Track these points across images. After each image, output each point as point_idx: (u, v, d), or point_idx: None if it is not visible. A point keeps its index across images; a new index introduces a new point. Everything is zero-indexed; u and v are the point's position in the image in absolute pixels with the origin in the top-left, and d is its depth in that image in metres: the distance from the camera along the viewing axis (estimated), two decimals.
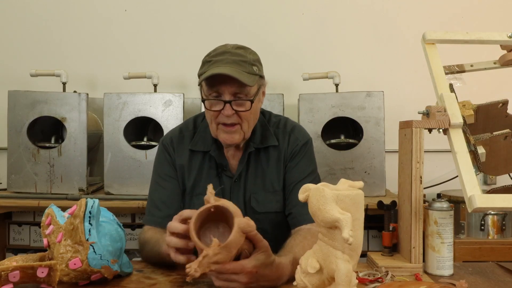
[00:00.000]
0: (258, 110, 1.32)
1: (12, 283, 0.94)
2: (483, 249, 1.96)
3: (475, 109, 1.23)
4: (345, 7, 2.56)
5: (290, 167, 1.34)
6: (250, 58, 1.24)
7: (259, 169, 1.34)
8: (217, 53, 1.24)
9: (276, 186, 1.34)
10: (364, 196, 0.87)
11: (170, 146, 1.37)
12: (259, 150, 1.35)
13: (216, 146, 1.33)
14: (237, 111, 1.23)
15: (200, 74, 1.25)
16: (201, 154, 1.35)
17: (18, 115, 2.10)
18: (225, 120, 1.24)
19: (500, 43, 1.31)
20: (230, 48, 1.25)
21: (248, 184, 1.34)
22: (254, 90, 1.25)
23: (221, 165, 1.34)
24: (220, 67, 1.18)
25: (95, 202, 1.02)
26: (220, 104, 1.22)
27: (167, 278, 1.11)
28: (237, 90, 1.21)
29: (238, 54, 1.22)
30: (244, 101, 1.23)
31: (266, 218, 1.31)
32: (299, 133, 1.38)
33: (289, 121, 1.42)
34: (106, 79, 2.54)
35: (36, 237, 2.21)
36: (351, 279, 0.84)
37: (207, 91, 1.24)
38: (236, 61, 1.20)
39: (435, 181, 2.43)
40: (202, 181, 1.33)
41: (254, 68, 1.23)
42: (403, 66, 2.52)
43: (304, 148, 1.36)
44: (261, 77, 1.28)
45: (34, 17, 2.57)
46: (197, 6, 2.57)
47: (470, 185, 1.05)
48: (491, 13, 2.53)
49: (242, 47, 1.27)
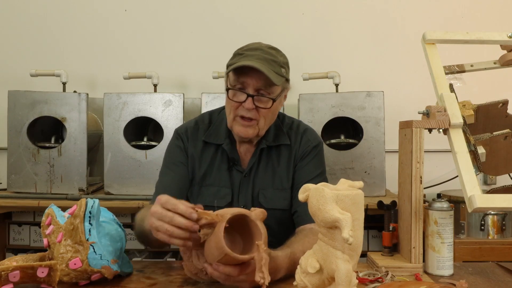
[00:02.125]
0: (277, 111, 1.35)
1: (12, 283, 0.94)
2: (483, 249, 1.96)
3: (475, 109, 1.23)
4: (345, 7, 2.56)
5: (299, 166, 1.37)
6: (280, 60, 1.27)
7: (269, 166, 1.37)
8: (250, 48, 1.27)
9: (285, 184, 1.36)
10: (364, 196, 0.87)
11: (184, 135, 1.40)
12: (271, 148, 1.38)
13: (229, 140, 1.36)
14: (258, 107, 1.26)
15: (229, 65, 1.27)
16: (214, 147, 1.38)
17: (18, 115, 2.10)
18: (244, 113, 1.26)
19: (500, 43, 1.31)
20: (264, 46, 1.28)
21: (258, 180, 1.36)
22: (278, 91, 1.28)
23: (232, 159, 1.36)
24: (252, 61, 1.21)
25: (95, 202, 1.03)
26: (243, 96, 1.25)
27: (167, 278, 1.11)
28: (261, 87, 1.24)
29: (270, 54, 1.25)
30: (267, 99, 1.26)
31: (273, 215, 1.32)
32: (311, 135, 1.42)
33: (302, 123, 1.46)
34: (106, 79, 2.54)
35: (36, 237, 2.21)
36: (351, 279, 0.84)
37: (233, 82, 1.26)
38: (267, 59, 1.23)
39: (435, 181, 2.43)
40: (213, 173, 1.36)
41: (282, 70, 1.26)
42: (403, 66, 2.52)
43: (315, 150, 1.39)
44: (287, 80, 1.31)
45: (34, 17, 2.57)
46: (197, 6, 2.57)
47: (470, 185, 1.05)
48: (491, 13, 2.53)
49: (275, 48, 1.30)
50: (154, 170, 2.06)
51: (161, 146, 2.09)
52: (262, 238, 0.92)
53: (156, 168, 2.06)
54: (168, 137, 2.07)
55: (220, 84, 2.27)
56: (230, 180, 1.36)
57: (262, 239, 0.92)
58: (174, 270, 1.17)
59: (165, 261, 1.98)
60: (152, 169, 2.08)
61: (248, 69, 1.21)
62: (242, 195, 1.35)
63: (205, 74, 2.35)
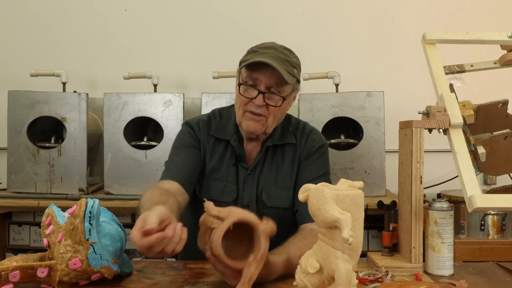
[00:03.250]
0: (286, 110, 1.37)
1: (12, 283, 0.94)
2: (483, 249, 1.96)
3: (475, 109, 1.23)
4: (345, 7, 2.56)
5: (304, 166, 1.39)
6: (293, 60, 1.29)
7: (274, 165, 1.39)
8: (264, 46, 1.29)
9: (288, 183, 1.38)
10: (364, 196, 0.87)
11: (196, 126, 1.41)
12: (276, 147, 1.39)
13: (237, 137, 1.38)
14: (268, 104, 1.27)
15: (243, 61, 1.29)
16: (224, 143, 1.40)
17: (18, 115, 2.10)
18: (254, 109, 1.28)
19: (500, 43, 1.31)
20: (278, 46, 1.31)
21: (262, 177, 1.38)
22: (288, 90, 1.30)
23: (239, 156, 1.38)
24: (266, 58, 1.23)
25: (95, 202, 1.02)
26: (254, 92, 1.27)
27: (167, 278, 1.11)
28: (273, 84, 1.26)
29: (284, 53, 1.28)
30: (277, 97, 1.27)
31: (275, 213, 1.33)
32: (317, 136, 1.44)
33: (308, 124, 1.48)
34: (106, 79, 2.54)
35: (36, 237, 2.21)
36: (351, 279, 0.84)
37: (245, 78, 1.28)
38: (280, 58, 1.25)
39: (435, 181, 2.43)
40: (222, 168, 1.38)
41: (294, 70, 1.29)
42: (403, 66, 2.52)
43: (320, 150, 1.40)
44: (298, 81, 1.34)
45: (34, 17, 2.57)
46: (197, 6, 2.57)
47: (470, 185, 1.04)
48: (491, 13, 2.53)
49: (288, 49, 1.32)
50: (154, 170, 2.06)
51: (161, 146, 2.09)
52: (259, 254, 0.92)
53: (156, 168, 2.06)
54: (168, 137, 2.08)
55: (220, 84, 2.27)
56: (236, 176, 1.37)
57: (259, 255, 0.91)
58: (174, 270, 1.17)
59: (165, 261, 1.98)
60: (152, 169, 2.08)
61: (261, 66, 1.23)
62: (246, 192, 1.37)
63: (205, 74, 2.35)
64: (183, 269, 1.18)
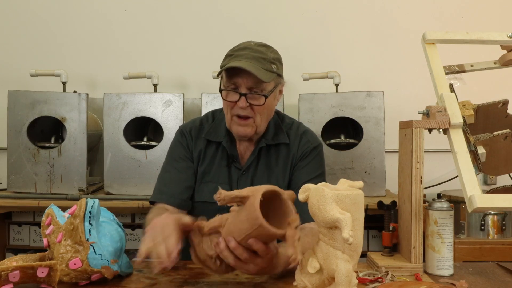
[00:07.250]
0: (273, 106, 1.37)
1: (12, 283, 0.94)
2: (483, 249, 1.96)
3: (475, 109, 1.23)
4: (345, 7, 2.56)
5: (299, 166, 1.38)
6: (270, 56, 1.28)
7: (267, 165, 1.39)
8: (239, 48, 1.29)
9: (281, 183, 1.37)
10: (364, 196, 0.88)
11: (189, 134, 1.42)
12: (270, 147, 1.39)
13: (229, 138, 1.38)
14: (252, 104, 1.28)
15: (221, 66, 1.30)
16: (215, 145, 1.40)
17: (18, 115, 2.10)
18: (240, 112, 1.29)
19: (500, 43, 1.31)
20: (253, 45, 1.30)
21: (255, 178, 1.38)
22: (270, 87, 1.30)
23: (232, 156, 1.38)
24: (240, 61, 1.24)
25: (95, 202, 1.03)
26: (236, 96, 1.27)
27: (167, 278, 1.11)
28: (253, 85, 1.26)
29: (259, 51, 1.27)
30: (258, 96, 1.28)
31: None
32: (311, 137, 1.43)
33: (302, 125, 1.47)
34: (106, 79, 2.54)
35: (36, 237, 2.21)
36: (351, 279, 0.84)
37: (226, 83, 1.29)
38: (255, 57, 1.25)
39: (435, 181, 2.43)
40: (212, 170, 1.38)
41: (272, 66, 1.28)
42: (403, 66, 2.52)
43: (314, 151, 1.40)
44: (279, 76, 1.33)
45: (34, 17, 2.57)
46: (197, 6, 2.57)
47: (470, 185, 1.05)
48: (491, 13, 2.53)
49: (265, 45, 1.32)
50: (154, 170, 2.06)
51: (161, 146, 2.09)
52: (293, 215, 0.92)
53: (156, 168, 2.06)
54: (168, 137, 2.08)
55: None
56: (228, 177, 1.37)
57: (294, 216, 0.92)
58: (174, 270, 1.16)
59: None
60: (152, 169, 2.08)
61: (238, 70, 1.23)
62: None
63: (205, 74, 2.35)
64: (183, 269, 1.18)
